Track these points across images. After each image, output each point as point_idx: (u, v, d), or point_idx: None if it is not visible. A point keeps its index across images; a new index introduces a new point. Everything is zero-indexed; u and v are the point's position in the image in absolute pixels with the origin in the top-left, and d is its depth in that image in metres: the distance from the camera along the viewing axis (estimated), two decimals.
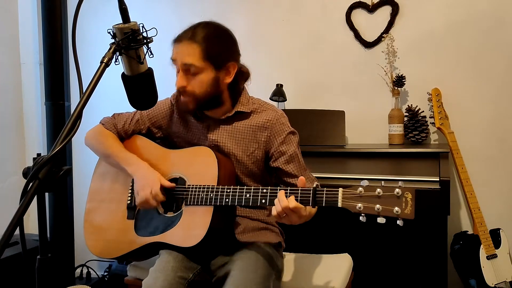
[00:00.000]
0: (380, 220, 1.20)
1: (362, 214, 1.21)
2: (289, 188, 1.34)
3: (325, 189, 1.28)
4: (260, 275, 1.41)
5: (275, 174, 1.62)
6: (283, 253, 1.72)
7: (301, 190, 1.30)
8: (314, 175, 1.66)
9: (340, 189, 1.25)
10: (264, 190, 1.38)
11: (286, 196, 1.29)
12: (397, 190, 1.19)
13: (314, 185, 1.30)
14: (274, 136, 1.57)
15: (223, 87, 1.54)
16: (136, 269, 1.75)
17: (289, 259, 1.77)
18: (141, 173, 1.55)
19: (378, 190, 1.20)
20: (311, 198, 1.28)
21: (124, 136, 1.70)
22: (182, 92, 1.50)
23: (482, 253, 2.02)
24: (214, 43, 1.49)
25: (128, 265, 1.79)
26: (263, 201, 1.38)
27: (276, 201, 1.30)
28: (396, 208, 1.18)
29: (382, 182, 1.22)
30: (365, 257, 2.11)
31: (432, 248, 2.04)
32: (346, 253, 1.84)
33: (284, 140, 1.57)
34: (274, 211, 1.29)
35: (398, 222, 1.19)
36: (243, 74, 1.60)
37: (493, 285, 2.00)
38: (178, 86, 1.49)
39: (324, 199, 1.27)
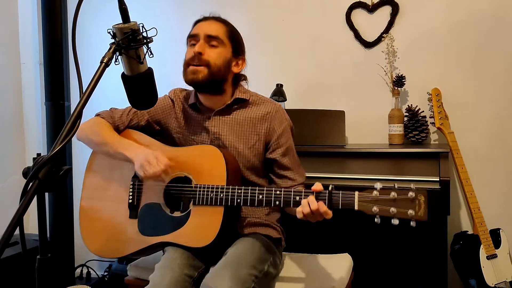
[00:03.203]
0: (394, 221, 1.26)
1: (377, 216, 1.26)
2: (303, 190, 1.37)
3: (340, 192, 1.31)
4: (254, 255, 1.43)
5: (268, 166, 1.64)
6: (283, 252, 1.72)
7: (316, 193, 1.32)
8: (314, 175, 1.67)
9: (356, 192, 1.30)
10: (278, 192, 1.39)
11: (301, 199, 1.33)
12: (410, 193, 1.25)
13: (330, 188, 1.32)
14: (274, 128, 1.60)
15: (230, 75, 1.61)
16: (137, 269, 1.75)
17: (289, 259, 1.77)
18: (141, 152, 1.51)
19: (393, 193, 1.26)
20: (326, 201, 1.30)
21: (121, 127, 1.67)
22: (198, 58, 1.54)
23: (482, 253, 2.02)
24: (235, 31, 1.64)
25: (128, 265, 1.78)
26: (277, 202, 1.39)
27: (305, 201, 1.31)
28: (410, 211, 1.25)
29: (395, 185, 1.27)
30: (365, 257, 2.11)
31: (432, 248, 2.04)
32: (346, 253, 1.84)
33: (283, 132, 1.61)
34: (301, 213, 1.32)
35: (411, 223, 1.26)
36: (244, 77, 1.69)
37: (493, 285, 2.00)
38: (197, 50, 1.53)
39: (340, 201, 1.30)
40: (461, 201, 2.27)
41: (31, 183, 0.85)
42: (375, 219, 1.26)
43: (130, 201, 1.59)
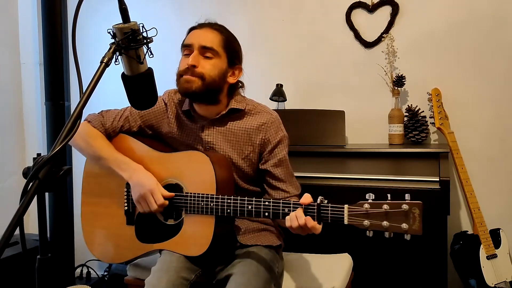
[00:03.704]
0: (387, 235, 1.20)
1: (369, 230, 1.22)
2: (292, 201, 1.35)
3: (329, 205, 1.27)
4: (261, 279, 1.40)
5: (262, 177, 1.62)
6: (283, 252, 1.72)
7: (305, 206, 1.30)
8: (314, 175, 1.66)
9: (346, 206, 1.25)
10: (267, 203, 1.37)
11: (289, 212, 1.31)
12: (404, 206, 1.18)
13: (319, 201, 1.29)
14: (269, 139, 1.57)
15: (225, 85, 1.56)
16: (136, 269, 1.75)
17: (289, 259, 1.77)
18: (136, 179, 1.50)
19: (385, 206, 1.20)
20: (316, 215, 1.28)
21: (112, 134, 1.64)
22: (192, 71, 1.49)
23: (482, 253, 2.02)
24: (232, 39, 1.57)
25: (128, 265, 1.79)
26: (266, 214, 1.37)
27: (293, 215, 1.29)
28: (404, 225, 1.18)
29: (389, 195, 1.22)
30: (365, 257, 2.11)
31: (432, 248, 2.04)
32: (346, 253, 1.84)
33: (277, 144, 1.58)
34: (289, 223, 1.30)
35: (405, 237, 1.19)
36: (240, 85, 1.64)
37: (493, 285, 2.00)
38: (191, 63, 1.48)
39: (329, 216, 1.27)
40: (461, 201, 2.27)
41: (31, 183, 0.85)
42: (367, 233, 1.22)
43: (126, 208, 1.58)
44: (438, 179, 1.81)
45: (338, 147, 2.13)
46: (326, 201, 1.30)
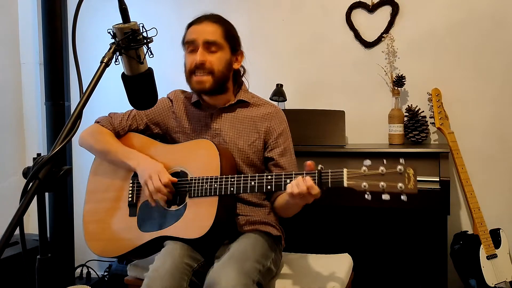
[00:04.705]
0: (385, 196, 1.24)
1: (367, 192, 1.25)
2: (293, 172, 1.38)
3: (329, 170, 1.31)
4: (257, 252, 1.44)
5: (266, 165, 1.66)
6: (283, 253, 1.72)
7: (306, 173, 1.33)
8: None
9: (345, 170, 1.30)
10: (269, 177, 1.41)
11: (291, 179, 1.34)
12: (399, 167, 1.24)
13: (319, 167, 1.33)
14: (274, 127, 1.64)
15: (231, 73, 1.64)
16: (136, 269, 1.75)
17: (289, 259, 1.77)
18: (144, 165, 1.55)
19: (381, 168, 1.25)
20: (316, 180, 1.31)
21: (121, 133, 1.70)
22: (201, 67, 1.56)
23: (482, 253, 2.02)
24: (230, 27, 1.64)
25: (128, 264, 1.79)
26: (269, 187, 1.40)
27: (294, 182, 1.31)
28: (400, 184, 1.23)
29: (384, 160, 1.26)
30: (365, 257, 2.11)
31: (432, 248, 2.04)
32: (346, 253, 1.84)
33: (282, 132, 1.64)
34: (290, 189, 1.32)
35: (402, 197, 1.24)
36: (243, 69, 1.71)
37: (493, 285, 2.00)
38: (199, 60, 1.55)
39: (330, 180, 1.31)
40: (461, 201, 2.27)
41: (31, 183, 0.85)
42: (366, 196, 1.26)
43: (130, 199, 1.61)
44: (438, 179, 1.81)
45: (338, 147, 2.13)
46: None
